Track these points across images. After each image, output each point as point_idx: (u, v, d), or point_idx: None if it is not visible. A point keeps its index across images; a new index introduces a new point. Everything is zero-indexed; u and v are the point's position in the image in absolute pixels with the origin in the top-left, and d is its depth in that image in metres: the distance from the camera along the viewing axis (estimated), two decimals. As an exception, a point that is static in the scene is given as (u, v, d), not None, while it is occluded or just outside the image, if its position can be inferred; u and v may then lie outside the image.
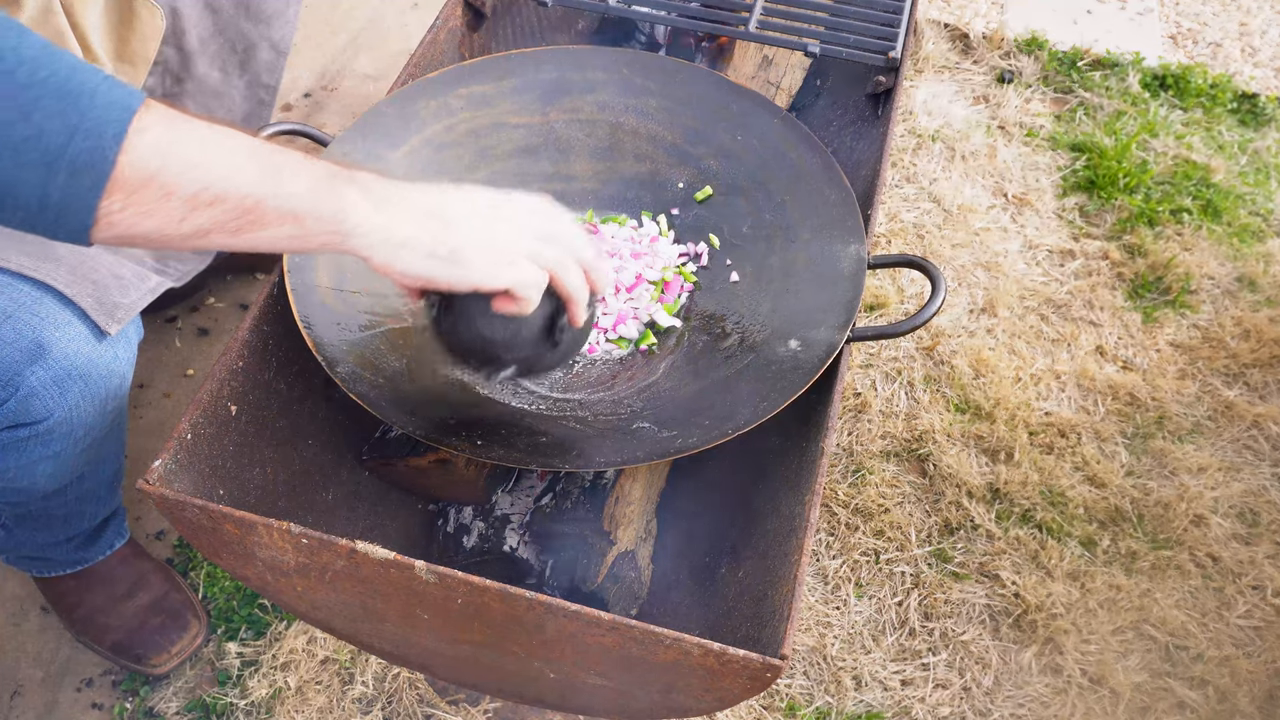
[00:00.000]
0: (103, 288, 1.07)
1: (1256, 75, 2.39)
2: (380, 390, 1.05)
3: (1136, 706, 1.47)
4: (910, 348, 1.84)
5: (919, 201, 2.07)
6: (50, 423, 1.06)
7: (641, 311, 1.23)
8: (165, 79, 1.26)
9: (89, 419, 1.09)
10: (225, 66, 1.30)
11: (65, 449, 1.11)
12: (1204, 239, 2.04)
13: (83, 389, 1.05)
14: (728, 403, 1.08)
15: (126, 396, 1.15)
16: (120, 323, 1.07)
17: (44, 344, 1.02)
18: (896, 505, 1.64)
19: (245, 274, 1.88)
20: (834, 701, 1.45)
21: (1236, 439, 1.76)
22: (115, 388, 1.10)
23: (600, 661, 0.92)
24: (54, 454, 1.11)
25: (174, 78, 1.26)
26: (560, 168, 1.32)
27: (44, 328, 1.03)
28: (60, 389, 1.04)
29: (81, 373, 1.05)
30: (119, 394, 1.11)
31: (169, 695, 1.42)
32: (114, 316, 1.07)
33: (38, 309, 1.03)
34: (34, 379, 1.02)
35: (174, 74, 1.26)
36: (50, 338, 1.02)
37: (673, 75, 1.33)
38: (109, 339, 1.07)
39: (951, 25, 2.42)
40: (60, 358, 1.03)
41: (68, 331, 1.04)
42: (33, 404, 1.03)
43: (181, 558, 1.55)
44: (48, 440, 1.08)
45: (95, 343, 1.06)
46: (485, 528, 1.27)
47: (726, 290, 1.24)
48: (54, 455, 1.11)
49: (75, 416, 1.07)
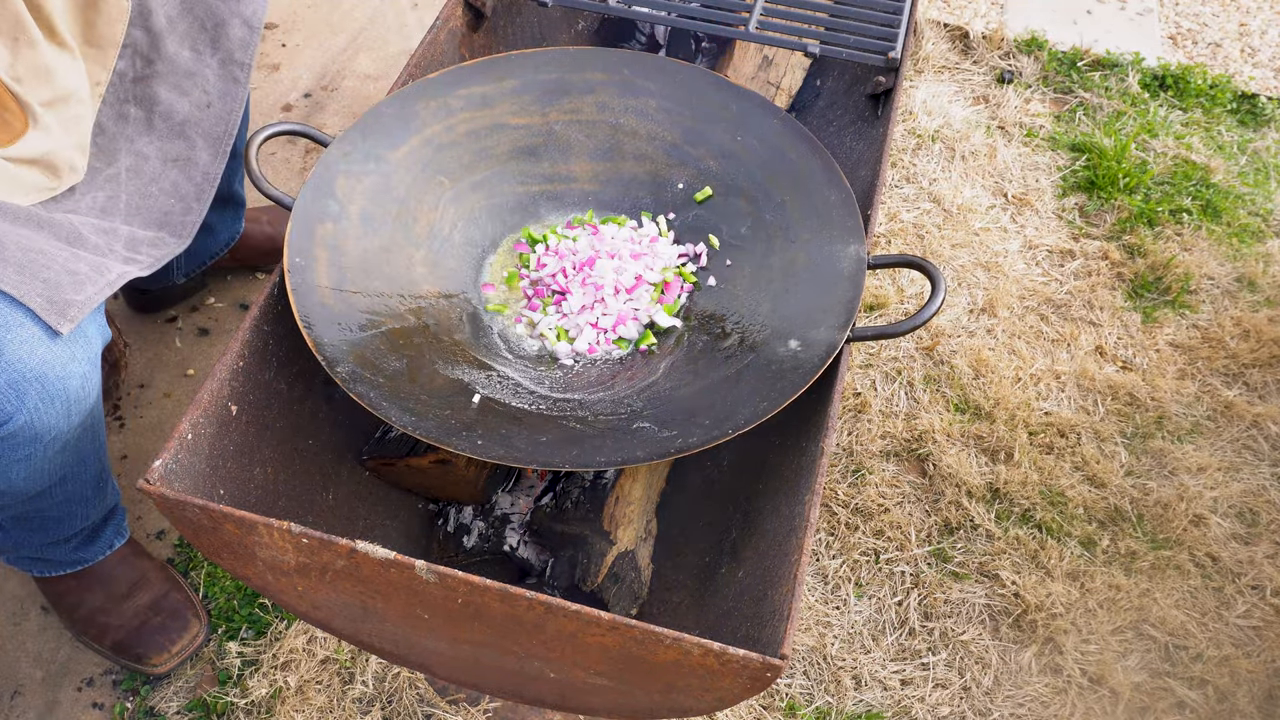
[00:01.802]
0: (53, 285, 1.04)
1: (1256, 75, 2.39)
2: (380, 390, 1.05)
3: (1136, 706, 1.47)
4: (910, 348, 1.84)
5: (919, 201, 2.08)
6: (12, 426, 1.03)
7: (641, 313, 1.23)
8: (135, 61, 1.24)
9: (53, 421, 1.07)
10: (196, 45, 1.28)
11: (35, 451, 1.09)
12: (1204, 239, 2.04)
13: (40, 390, 1.03)
14: (728, 403, 1.08)
15: (95, 396, 1.12)
16: (74, 321, 1.04)
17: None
18: (896, 505, 1.64)
19: (245, 274, 1.88)
20: (834, 701, 1.46)
21: (1236, 439, 1.76)
22: (77, 388, 1.07)
23: (600, 661, 0.92)
24: (24, 457, 1.09)
25: (144, 59, 1.24)
26: (560, 168, 1.32)
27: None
28: (16, 392, 1.01)
29: (36, 374, 1.02)
30: (81, 394, 1.09)
31: (169, 695, 1.42)
32: (66, 315, 1.04)
33: None
34: None
35: (144, 55, 1.24)
36: (1, 340, 1.00)
37: (673, 76, 1.33)
38: (64, 338, 1.04)
39: (951, 25, 2.42)
40: (13, 360, 1.00)
41: (19, 333, 1.01)
42: None
43: (182, 557, 1.55)
44: (14, 444, 1.06)
45: (49, 343, 1.03)
46: (485, 528, 1.27)
47: (727, 290, 1.24)
48: (25, 458, 1.10)
49: (38, 419, 1.05)
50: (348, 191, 1.18)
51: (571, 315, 1.22)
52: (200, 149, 1.26)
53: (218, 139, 1.27)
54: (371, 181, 1.21)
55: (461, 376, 1.12)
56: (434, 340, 1.15)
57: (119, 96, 1.23)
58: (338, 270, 1.13)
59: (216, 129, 1.27)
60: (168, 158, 1.25)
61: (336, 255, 1.14)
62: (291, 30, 2.38)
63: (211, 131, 1.27)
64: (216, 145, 1.27)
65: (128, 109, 1.24)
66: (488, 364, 1.16)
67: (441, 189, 1.26)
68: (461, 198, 1.27)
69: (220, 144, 1.27)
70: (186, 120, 1.26)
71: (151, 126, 1.25)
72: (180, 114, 1.26)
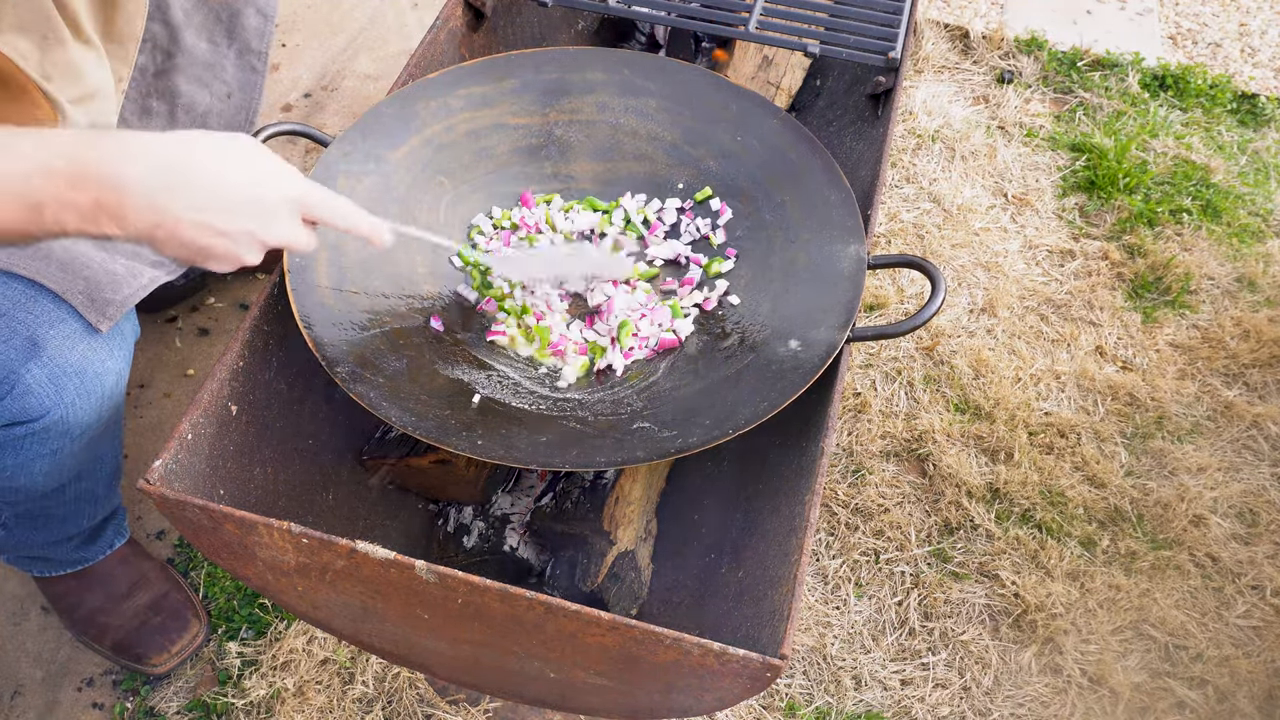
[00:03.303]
0: (94, 285, 1.08)
1: (1256, 75, 2.39)
2: (380, 390, 1.05)
3: (1136, 706, 1.47)
4: (910, 348, 1.84)
5: (919, 201, 2.08)
6: (47, 420, 1.06)
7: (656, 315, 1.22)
8: (156, 55, 1.25)
9: (85, 416, 1.09)
10: (213, 36, 1.30)
11: (62, 446, 1.11)
12: (1204, 239, 2.04)
13: (78, 386, 1.06)
14: (728, 403, 1.08)
15: (123, 394, 1.15)
16: (112, 319, 1.07)
17: (39, 341, 1.02)
18: (896, 505, 1.64)
19: (245, 274, 1.88)
20: (834, 701, 1.46)
21: (1236, 439, 1.76)
22: (111, 385, 1.10)
23: (600, 661, 0.92)
24: (51, 451, 1.11)
25: (164, 53, 1.26)
26: (560, 168, 1.32)
27: (38, 325, 1.03)
28: (56, 386, 1.04)
29: (76, 369, 1.05)
30: (115, 391, 1.12)
31: (169, 695, 1.42)
32: (105, 313, 1.07)
33: (32, 306, 1.03)
34: (30, 376, 1.02)
35: (164, 49, 1.26)
36: (45, 335, 1.02)
37: (673, 75, 1.33)
38: (103, 336, 1.07)
39: (951, 25, 2.42)
40: (55, 354, 1.03)
41: (62, 329, 1.04)
42: (29, 401, 1.03)
43: (182, 557, 1.55)
44: (44, 438, 1.08)
45: (89, 339, 1.06)
46: (485, 528, 1.27)
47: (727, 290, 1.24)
48: (51, 453, 1.11)
49: (71, 414, 1.07)
50: (348, 191, 1.18)
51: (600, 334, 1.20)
52: None
53: (239, 127, 1.28)
54: (371, 181, 1.21)
55: (461, 376, 1.12)
56: (434, 340, 1.15)
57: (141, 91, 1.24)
58: (338, 270, 1.13)
59: (237, 119, 1.29)
60: None
61: (336, 255, 1.14)
62: (291, 30, 2.38)
63: (233, 121, 1.28)
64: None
65: (150, 103, 1.25)
66: (488, 364, 1.16)
67: (441, 189, 1.26)
68: (462, 198, 1.27)
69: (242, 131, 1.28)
70: (209, 111, 1.27)
71: (175, 119, 1.26)
72: (202, 105, 1.27)
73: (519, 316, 1.19)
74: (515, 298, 1.21)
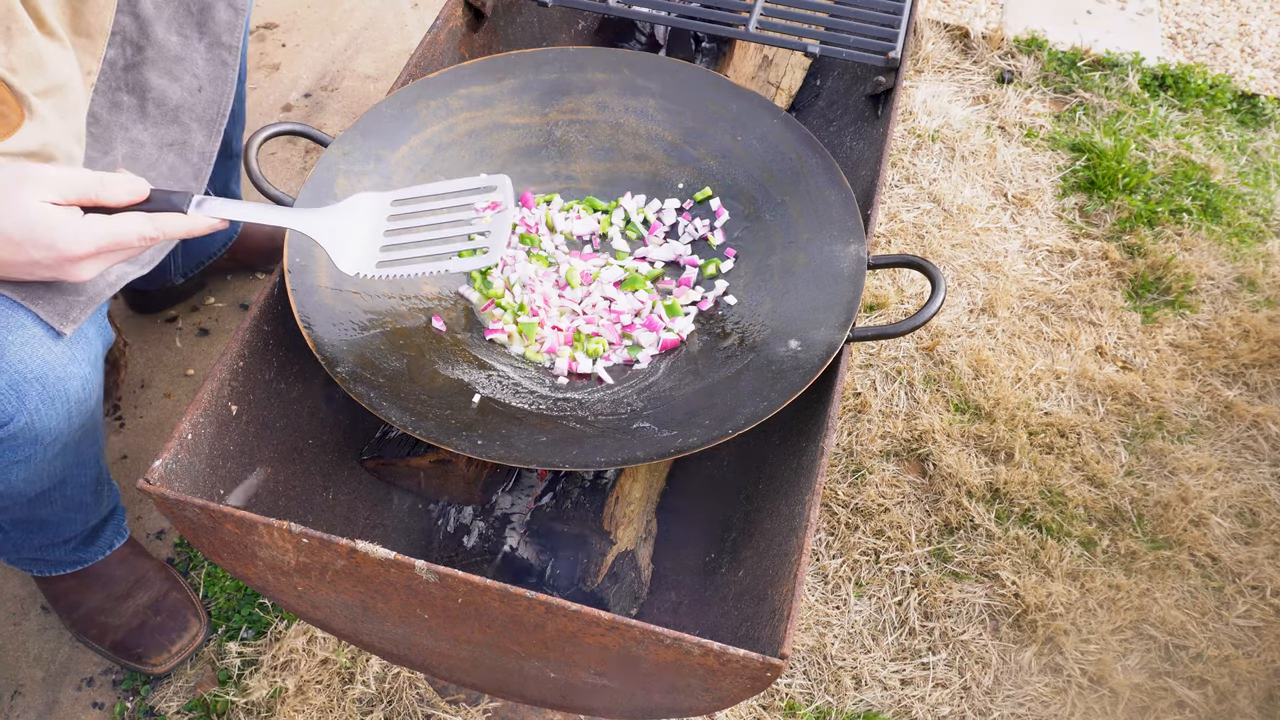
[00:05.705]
0: (55, 287, 1.04)
1: (1256, 75, 2.39)
2: (380, 390, 1.05)
3: (1136, 706, 1.47)
4: (910, 348, 1.84)
5: (919, 201, 2.08)
6: (12, 427, 1.03)
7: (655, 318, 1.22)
8: (125, 49, 1.24)
9: (53, 423, 1.07)
10: (183, 29, 1.28)
11: (35, 453, 1.09)
12: (1204, 239, 2.04)
13: (41, 392, 1.03)
14: (728, 403, 1.08)
15: (95, 399, 1.12)
16: (76, 322, 1.04)
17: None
18: (896, 505, 1.64)
19: (245, 274, 1.88)
20: (834, 701, 1.46)
21: (1236, 439, 1.76)
22: (78, 390, 1.07)
23: (600, 661, 0.92)
24: (24, 458, 1.09)
25: (134, 46, 1.25)
26: (560, 168, 1.32)
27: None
28: (17, 393, 1.01)
29: (37, 375, 1.02)
30: (82, 396, 1.09)
31: (169, 695, 1.42)
32: (69, 316, 1.04)
33: None
34: None
35: (133, 43, 1.25)
36: (3, 340, 0.99)
37: (673, 75, 1.33)
38: (66, 340, 1.04)
39: (951, 25, 2.42)
40: (14, 361, 1.00)
41: (21, 334, 1.01)
42: None
43: (182, 557, 1.55)
44: (13, 445, 1.06)
45: (51, 344, 1.03)
46: (485, 528, 1.27)
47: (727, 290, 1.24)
48: (24, 460, 1.09)
49: (38, 420, 1.05)
50: (348, 191, 1.18)
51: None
52: (195, 132, 1.26)
53: (211, 121, 1.27)
54: (371, 181, 1.21)
55: (461, 376, 1.12)
56: (434, 340, 1.15)
57: (111, 85, 1.23)
58: (338, 270, 1.13)
59: (209, 112, 1.28)
60: (163, 143, 1.25)
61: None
62: (291, 30, 2.38)
63: (204, 115, 1.27)
64: (210, 126, 1.27)
65: (120, 97, 1.24)
66: (488, 364, 1.16)
67: (441, 189, 1.26)
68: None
69: (214, 125, 1.27)
70: (180, 106, 1.26)
71: (145, 113, 1.25)
72: (173, 100, 1.26)
73: (514, 314, 1.19)
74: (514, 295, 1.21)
